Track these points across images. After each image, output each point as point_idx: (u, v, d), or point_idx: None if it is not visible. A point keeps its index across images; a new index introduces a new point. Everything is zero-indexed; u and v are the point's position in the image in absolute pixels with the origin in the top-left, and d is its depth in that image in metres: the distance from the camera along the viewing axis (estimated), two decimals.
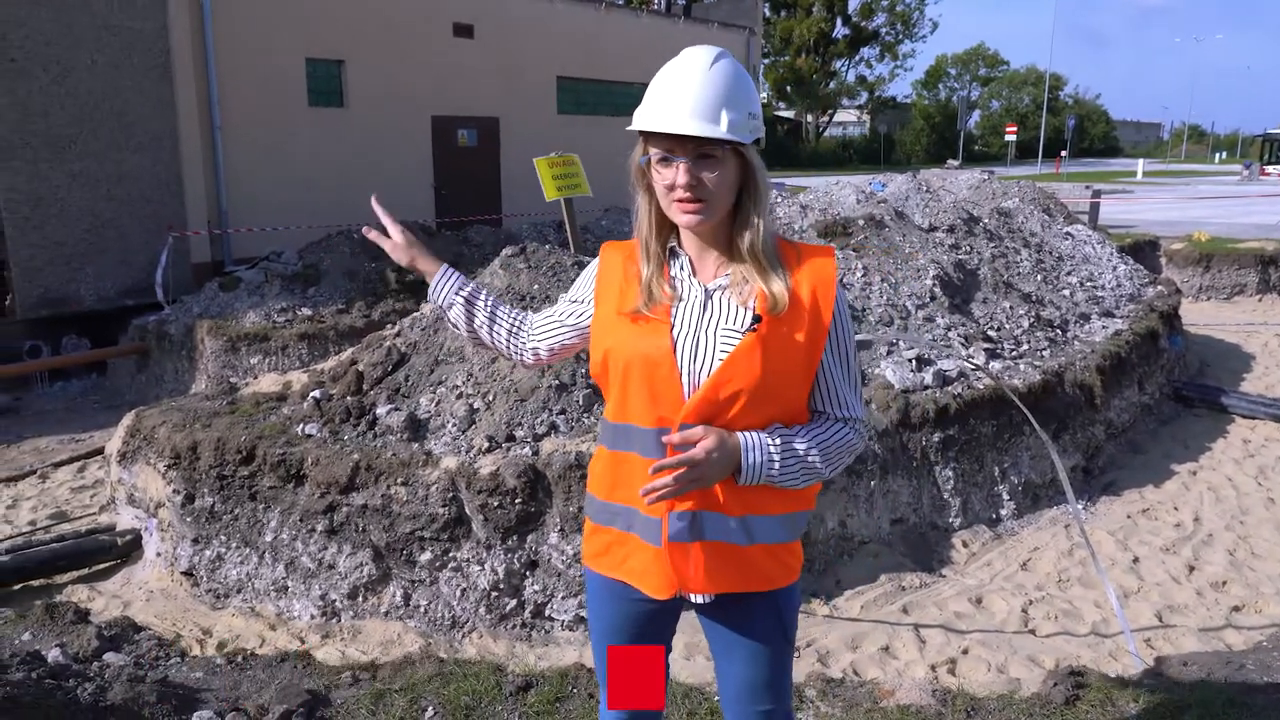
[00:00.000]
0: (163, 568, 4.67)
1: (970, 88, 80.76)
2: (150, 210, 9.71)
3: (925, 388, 5.17)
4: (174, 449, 4.53)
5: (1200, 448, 6.44)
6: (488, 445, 4.19)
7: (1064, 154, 47.53)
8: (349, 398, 4.69)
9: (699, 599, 1.81)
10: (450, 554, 4.06)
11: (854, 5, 61.13)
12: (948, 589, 4.40)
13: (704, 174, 1.65)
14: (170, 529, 4.62)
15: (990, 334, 6.17)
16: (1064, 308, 7.25)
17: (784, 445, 1.71)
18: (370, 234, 2.12)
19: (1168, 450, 6.39)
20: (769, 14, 55.97)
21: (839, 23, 61.32)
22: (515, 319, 2.06)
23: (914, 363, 5.31)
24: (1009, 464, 5.29)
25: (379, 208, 2.12)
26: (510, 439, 4.24)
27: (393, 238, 2.09)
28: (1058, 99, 76.29)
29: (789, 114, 63.11)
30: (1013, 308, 6.68)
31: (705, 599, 1.81)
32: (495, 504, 3.97)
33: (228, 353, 8.08)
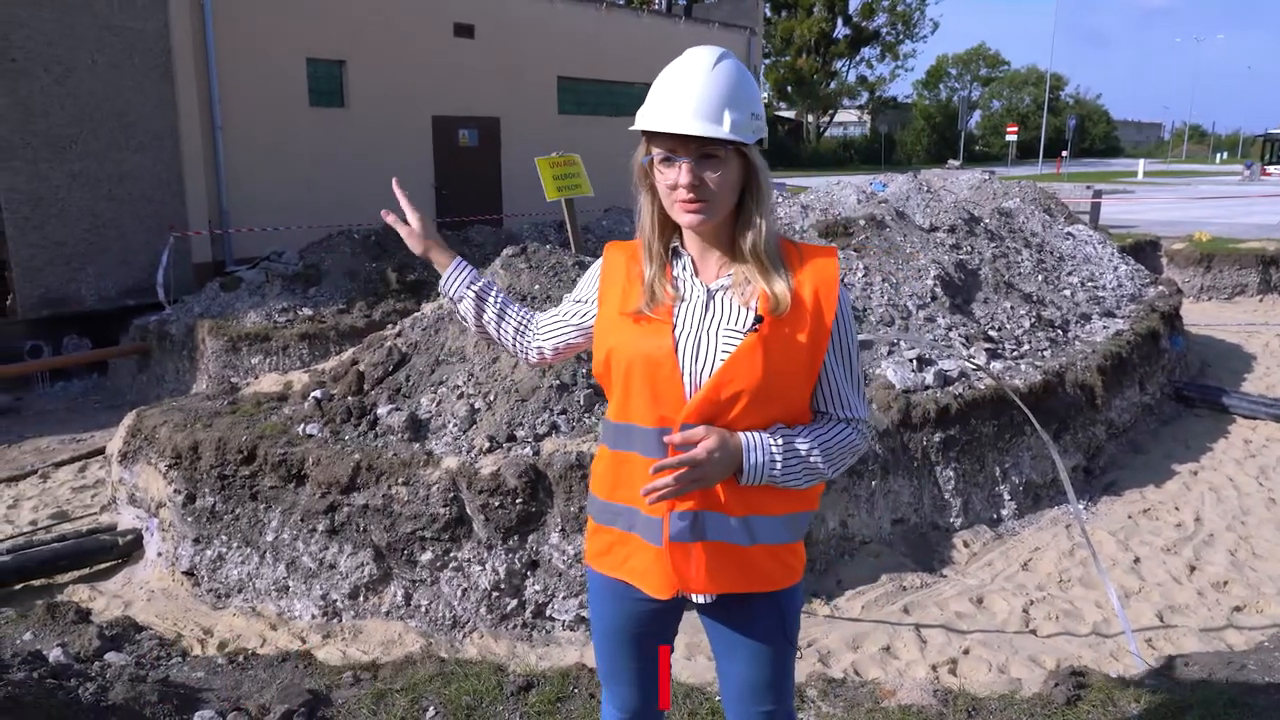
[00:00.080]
0: (164, 567, 4.67)
1: (971, 88, 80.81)
2: (151, 210, 9.71)
3: (926, 388, 5.17)
4: (175, 449, 4.53)
5: (1201, 448, 6.43)
6: (489, 445, 4.19)
7: (1065, 154, 47.51)
8: (350, 398, 4.69)
9: (700, 599, 1.81)
10: (451, 554, 4.06)
11: (855, 5, 61.22)
12: (949, 589, 4.40)
13: (706, 174, 1.65)
14: (171, 529, 4.62)
15: (991, 334, 6.17)
16: (1065, 308, 7.25)
17: (786, 445, 1.71)
18: (389, 217, 2.12)
19: (1169, 450, 6.39)
20: (770, 14, 55.99)
21: (840, 23, 61.35)
22: (523, 317, 2.07)
23: (915, 363, 5.31)
24: (1010, 464, 5.29)
25: (400, 192, 2.10)
26: (511, 439, 4.24)
27: (411, 225, 2.08)
28: (1058, 99, 76.29)
29: (790, 114, 63.11)
30: (1014, 308, 6.68)
31: (707, 599, 1.81)
32: (496, 504, 3.97)
33: (229, 353, 8.08)
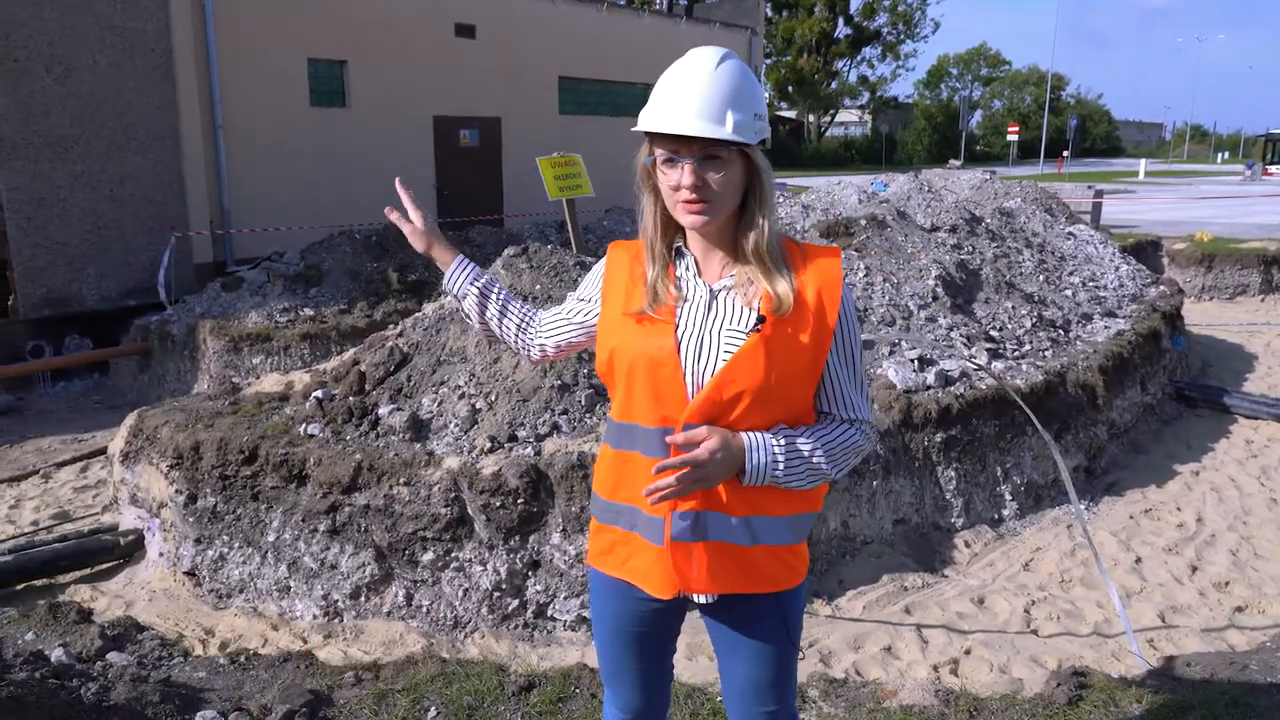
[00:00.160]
0: (165, 568, 4.67)
1: (972, 88, 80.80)
2: (152, 210, 9.71)
3: (927, 388, 5.16)
4: (176, 449, 4.53)
5: (1203, 448, 6.43)
6: (490, 445, 4.19)
7: (1066, 154, 47.45)
8: (351, 398, 4.69)
9: (702, 599, 1.81)
10: (452, 554, 4.06)
11: (856, 5, 61.18)
12: (950, 589, 4.40)
13: (709, 175, 1.65)
14: (173, 529, 4.62)
15: (992, 334, 6.17)
16: (1066, 308, 7.24)
17: (788, 446, 1.70)
18: (392, 214, 2.12)
19: (1170, 450, 6.38)
20: (771, 14, 55.98)
21: (841, 23, 61.30)
22: (525, 314, 2.07)
23: (916, 363, 5.30)
24: (1011, 464, 5.29)
25: (402, 190, 2.10)
26: (512, 439, 4.24)
27: (414, 222, 2.09)
28: (1060, 99, 76.27)
29: (791, 114, 63.08)
30: (1015, 308, 6.67)
31: (708, 599, 1.80)
32: (497, 504, 3.97)
33: (230, 353, 8.09)
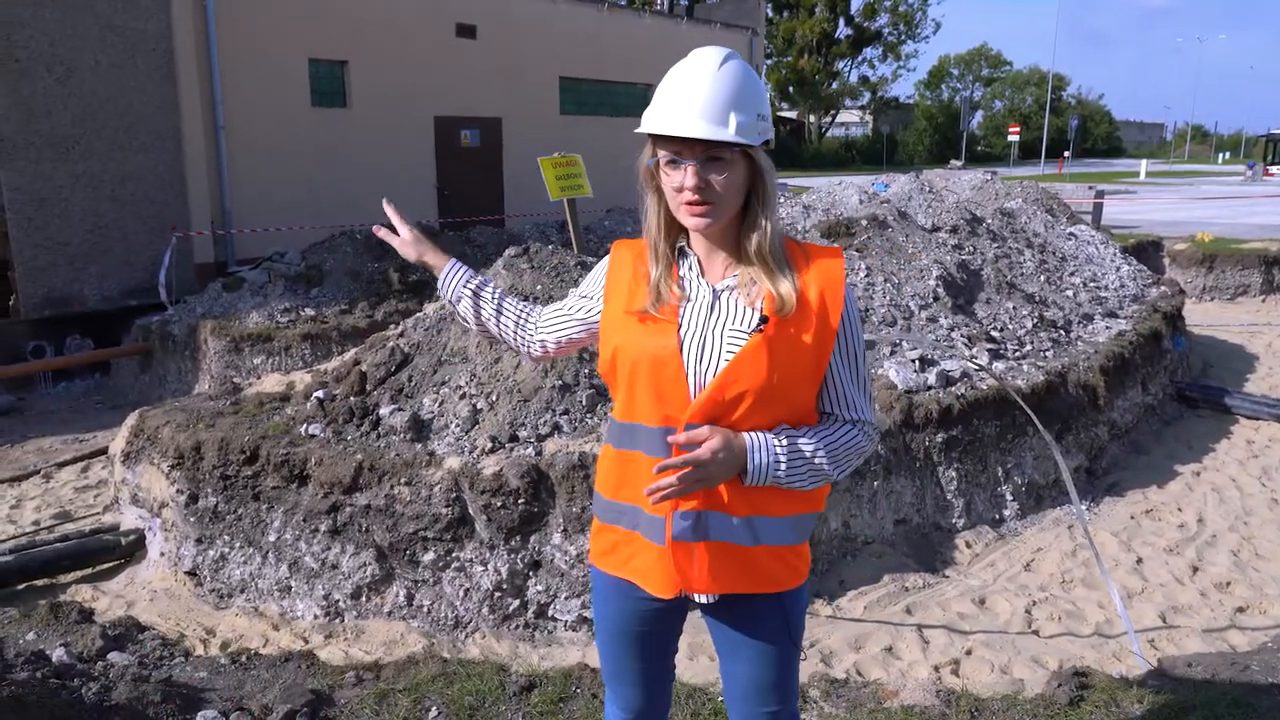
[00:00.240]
0: (166, 567, 4.67)
1: (973, 88, 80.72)
2: (153, 211, 9.72)
3: (928, 388, 5.16)
4: (178, 449, 4.54)
5: (1204, 448, 6.43)
6: (491, 445, 4.19)
7: (1067, 154, 47.44)
8: (352, 398, 4.69)
9: (703, 599, 1.81)
10: (453, 554, 4.06)
11: (856, 5, 61.13)
12: (951, 589, 4.40)
13: (712, 176, 1.65)
14: (174, 529, 4.63)
15: (993, 334, 6.17)
16: (1067, 308, 7.24)
17: (790, 446, 1.70)
18: (380, 232, 2.18)
19: (1171, 451, 6.38)
20: (771, 14, 55.95)
21: (841, 23, 61.26)
22: (522, 310, 2.08)
23: (917, 363, 5.30)
24: (1012, 464, 5.29)
25: (390, 208, 2.17)
26: (513, 439, 4.24)
27: (401, 235, 2.13)
28: (1060, 99, 76.22)
29: (792, 114, 63.07)
30: (1016, 308, 6.67)
31: (709, 599, 1.81)
32: (498, 504, 3.97)
33: (231, 353, 8.09)
